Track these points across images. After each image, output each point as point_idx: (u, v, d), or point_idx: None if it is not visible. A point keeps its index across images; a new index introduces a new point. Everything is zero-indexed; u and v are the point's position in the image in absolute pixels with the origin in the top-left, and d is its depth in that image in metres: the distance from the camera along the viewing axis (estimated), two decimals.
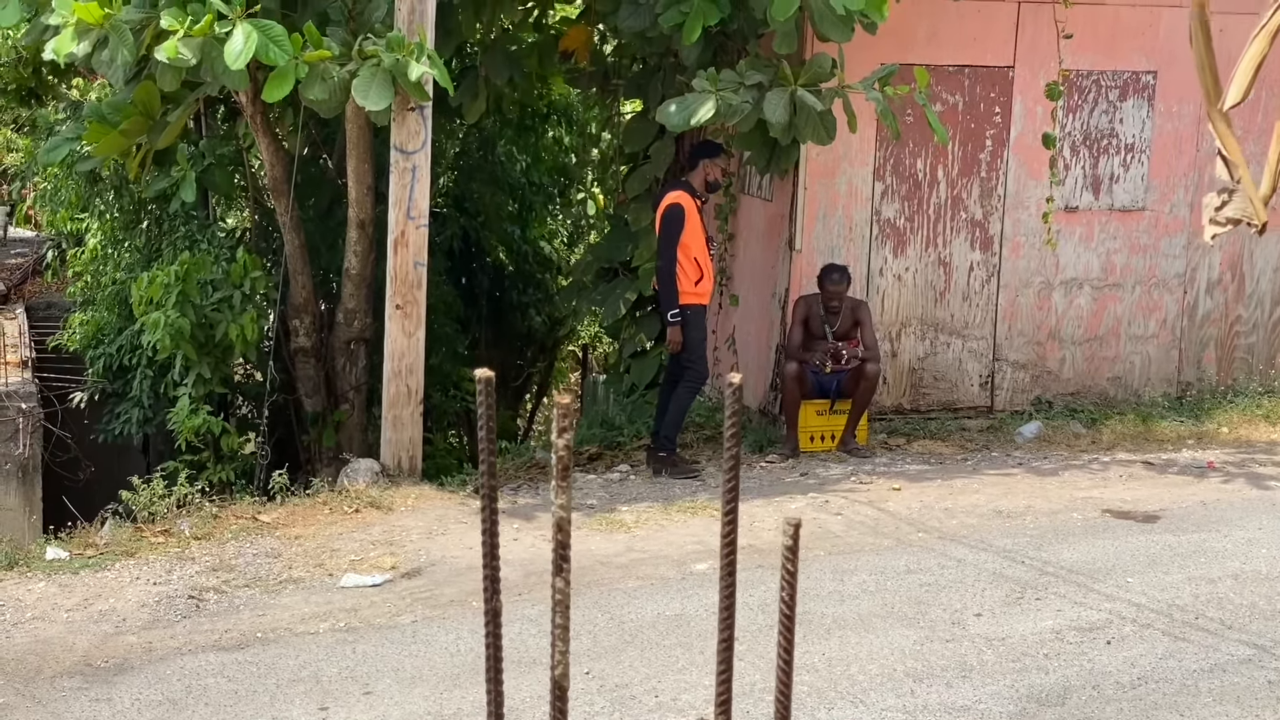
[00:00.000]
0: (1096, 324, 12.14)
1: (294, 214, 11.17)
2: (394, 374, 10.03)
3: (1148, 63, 11.82)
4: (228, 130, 12.27)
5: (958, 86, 11.49)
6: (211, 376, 10.85)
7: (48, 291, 15.96)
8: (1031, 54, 11.52)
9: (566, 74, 13.62)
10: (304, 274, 11.28)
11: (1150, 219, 12.10)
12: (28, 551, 8.78)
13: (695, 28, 9.97)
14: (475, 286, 15.34)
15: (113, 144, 10.70)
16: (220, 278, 10.89)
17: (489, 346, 15.71)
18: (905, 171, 11.53)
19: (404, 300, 9.92)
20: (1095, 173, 11.92)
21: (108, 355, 11.89)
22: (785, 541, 1.85)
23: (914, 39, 11.14)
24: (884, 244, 11.59)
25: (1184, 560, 8.42)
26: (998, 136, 11.66)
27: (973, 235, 11.74)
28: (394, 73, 9.07)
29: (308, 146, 12.00)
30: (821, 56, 10.27)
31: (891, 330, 11.69)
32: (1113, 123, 11.89)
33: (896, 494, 9.84)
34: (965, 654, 7.08)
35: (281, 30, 8.97)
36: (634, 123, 13.17)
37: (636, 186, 12.84)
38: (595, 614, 7.52)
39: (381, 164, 10.52)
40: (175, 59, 8.94)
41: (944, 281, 11.76)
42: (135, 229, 12.18)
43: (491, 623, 2.00)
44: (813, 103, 10.06)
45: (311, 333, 11.32)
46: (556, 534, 1.85)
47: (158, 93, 10.42)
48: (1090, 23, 11.48)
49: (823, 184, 11.37)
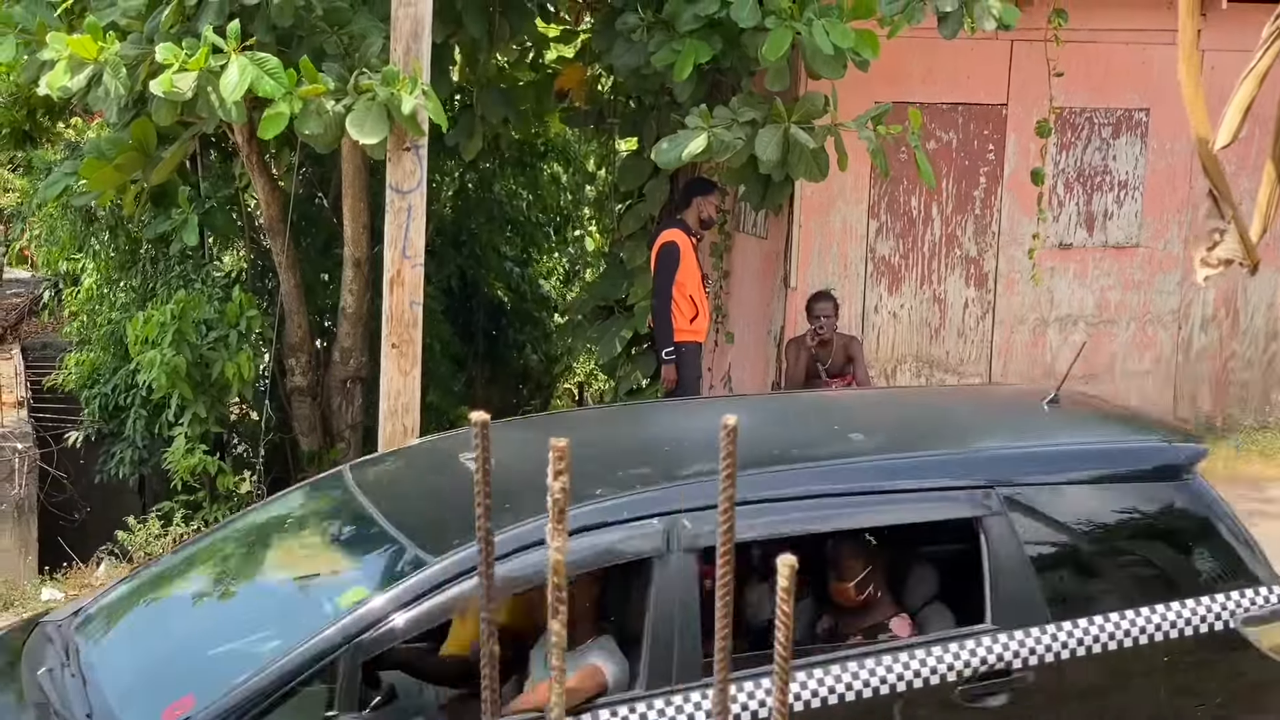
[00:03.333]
0: (1091, 361, 12.15)
1: (290, 253, 11.19)
2: (390, 413, 10.02)
3: (1140, 100, 11.88)
4: (223, 170, 12.30)
5: (951, 124, 11.54)
6: (207, 415, 10.84)
7: (44, 331, 15.96)
8: (1025, 91, 11.57)
9: (563, 113, 13.67)
10: (300, 313, 11.29)
11: (1144, 255, 12.13)
12: (23, 592, 8.77)
13: (687, 65, 10.01)
14: (471, 324, 15.36)
15: (108, 179, 10.72)
16: (216, 317, 10.90)
17: (485, 384, 15.71)
18: (900, 209, 11.56)
19: (400, 339, 9.91)
20: (1089, 209, 11.96)
21: (103, 395, 11.89)
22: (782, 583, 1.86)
23: (907, 76, 11.19)
24: (879, 281, 11.61)
25: None
26: (991, 173, 11.70)
27: (967, 272, 11.77)
28: (388, 106, 9.11)
29: (304, 186, 12.03)
30: (814, 94, 10.31)
31: (887, 367, 11.70)
32: (1106, 159, 11.94)
33: None
34: None
35: (277, 63, 9.01)
36: (629, 161, 13.22)
37: (632, 224, 12.87)
38: None
39: (377, 203, 10.54)
40: (170, 92, 8.97)
41: (939, 318, 11.78)
42: (131, 269, 12.19)
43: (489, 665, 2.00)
44: (805, 140, 10.10)
45: (307, 371, 11.33)
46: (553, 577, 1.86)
47: (154, 129, 10.45)
48: (1083, 60, 11.53)
49: (817, 221, 11.40)
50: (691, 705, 4.97)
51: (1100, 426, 6.42)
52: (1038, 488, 5.52)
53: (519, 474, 5.44)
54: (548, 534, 1.87)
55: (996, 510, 5.36)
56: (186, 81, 8.97)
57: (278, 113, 9.00)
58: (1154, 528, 5.71)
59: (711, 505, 4.98)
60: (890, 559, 5.85)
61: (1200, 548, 5.64)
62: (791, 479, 5.47)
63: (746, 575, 5.93)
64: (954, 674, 5.25)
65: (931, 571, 5.87)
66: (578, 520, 4.97)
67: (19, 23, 9.90)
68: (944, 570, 5.83)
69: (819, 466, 5.62)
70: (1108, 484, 5.69)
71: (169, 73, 8.96)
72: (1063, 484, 5.59)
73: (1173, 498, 5.66)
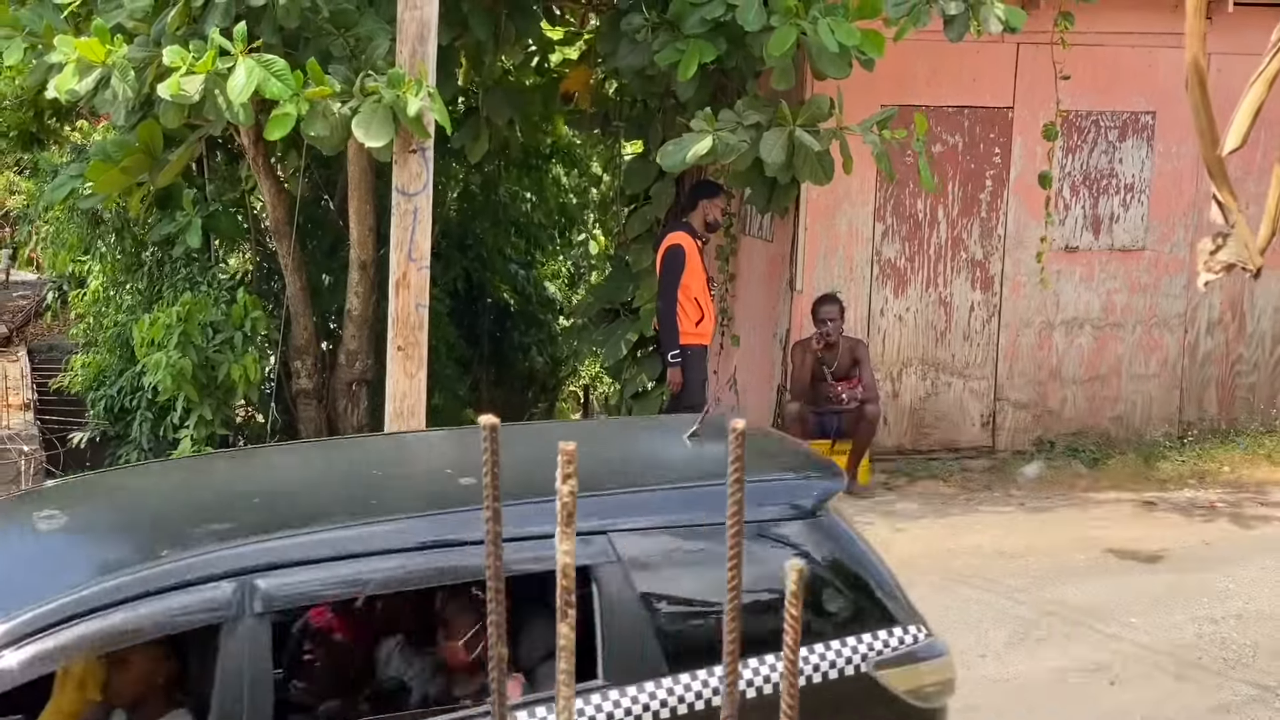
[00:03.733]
0: (1098, 363, 12.14)
1: (296, 255, 11.20)
2: (396, 415, 10.02)
3: (1147, 103, 11.86)
4: (229, 173, 12.32)
5: (957, 127, 11.54)
6: (213, 418, 10.85)
7: (50, 334, 15.99)
8: (1031, 94, 11.56)
9: (568, 116, 13.67)
10: (305, 315, 11.30)
11: (1150, 258, 12.12)
12: None
13: (691, 64, 10.02)
14: (477, 327, 15.37)
15: (114, 181, 10.74)
16: (221, 319, 10.91)
17: (491, 387, 15.72)
18: (906, 212, 11.56)
19: (405, 342, 9.92)
20: (1095, 212, 11.95)
21: (109, 397, 11.90)
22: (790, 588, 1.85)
23: (913, 80, 11.19)
24: (885, 284, 11.61)
25: (1187, 600, 8.40)
26: (998, 177, 11.69)
27: (973, 275, 11.76)
28: (394, 109, 9.12)
29: (310, 188, 12.03)
30: (820, 97, 10.31)
31: (893, 370, 11.69)
32: (1112, 163, 11.93)
33: (899, 534, 9.83)
34: (970, 694, 7.05)
35: (284, 65, 9.02)
36: (634, 164, 13.22)
37: (637, 227, 12.88)
38: None
39: (383, 206, 10.55)
40: (178, 95, 8.99)
41: (945, 321, 11.77)
42: (137, 271, 12.20)
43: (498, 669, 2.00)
44: (810, 143, 10.10)
45: (313, 374, 11.33)
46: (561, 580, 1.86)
47: (160, 131, 10.47)
48: (1089, 63, 11.52)
49: (823, 224, 11.40)
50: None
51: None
52: (657, 531, 5.12)
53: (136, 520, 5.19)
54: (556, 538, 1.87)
55: (610, 558, 4.96)
56: (194, 84, 8.99)
57: (284, 114, 9.02)
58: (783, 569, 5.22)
59: (289, 563, 4.68)
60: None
61: (832, 589, 5.26)
62: (386, 530, 4.97)
63: (354, 634, 5.56)
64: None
65: (547, 626, 5.36)
66: (136, 586, 4.56)
67: (26, 25, 9.92)
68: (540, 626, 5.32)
69: (418, 517, 5.09)
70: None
71: (176, 75, 8.98)
72: (683, 526, 5.15)
73: (802, 537, 5.25)
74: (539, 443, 6.15)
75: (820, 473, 5.53)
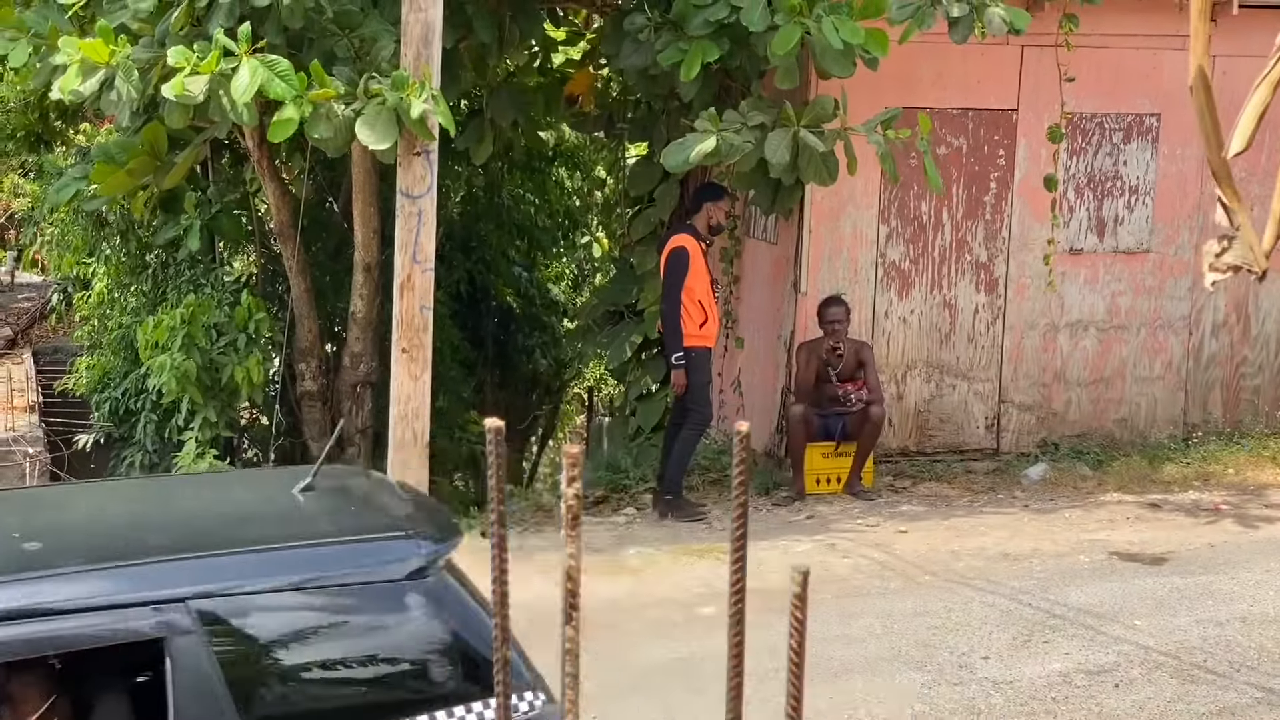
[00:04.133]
0: (1102, 366, 12.14)
1: (300, 258, 11.21)
2: (400, 418, 10.03)
3: (1151, 105, 11.86)
4: (234, 175, 12.33)
5: (961, 129, 11.53)
6: (218, 420, 10.87)
7: (54, 336, 16.00)
8: (1035, 96, 11.56)
9: (572, 118, 13.67)
10: (310, 318, 11.31)
11: (1155, 261, 12.11)
12: None
13: (694, 64, 10.02)
14: (481, 329, 15.37)
15: (119, 183, 10.74)
16: (225, 321, 10.92)
17: (495, 389, 15.74)
18: (910, 214, 11.55)
19: (410, 344, 9.92)
20: (1099, 215, 11.94)
21: (114, 399, 11.92)
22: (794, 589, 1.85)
23: (918, 82, 11.19)
24: (889, 286, 11.60)
25: (1191, 602, 8.39)
26: (1002, 179, 11.69)
27: (978, 277, 11.76)
28: (398, 111, 9.12)
29: (314, 190, 12.05)
30: (825, 98, 10.31)
31: (897, 372, 11.69)
32: (1117, 165, 11.92)
33: (903, 536, 9.83)
34: (974, 697, 7.06)
35: (287, 65, 9.03)
36: (638, 166, 13.22)
37: (641, 230, 12.88)
38: (602, 658, 7.50)
39: (388, 208, 10.56)
40: (182, 95, 8.99)
41: (949, 324, 11.76)
42: (141, 273, 12.23)
43: (501, 671, 2.00)
44: (814, 143, 10.10)
45: (318, 376, 11.34)
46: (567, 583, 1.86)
47: (165, 133, 10.47)
48: (1093, 66, 11.52)
49: (827, 227, 11.40)
50: None
51: (346, 518, 5.49)
52: (243, 598, 4.71)
53: None
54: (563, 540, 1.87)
55: (186, 628, 4.55)
56: (199, 85, 9.00)
57: (287, 118, 9.02)
58: (387, 636, 4.91)
59: None
60: (78, 689, 4.95)
61: (443, 655, 4.92)
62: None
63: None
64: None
65: (123, 703, 5.06)
66: None
67: (31, 27, 9.93)
68: (140, 700, 5.04)
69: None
70: (329, 589, 4.86)
71: (180, 76, 8.98)
72: (273, 592, 4.77)
73: (407, 600, 4.87)
74: (112, 503, 5.83)
75: (434, 529, 5.06)
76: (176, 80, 9.00)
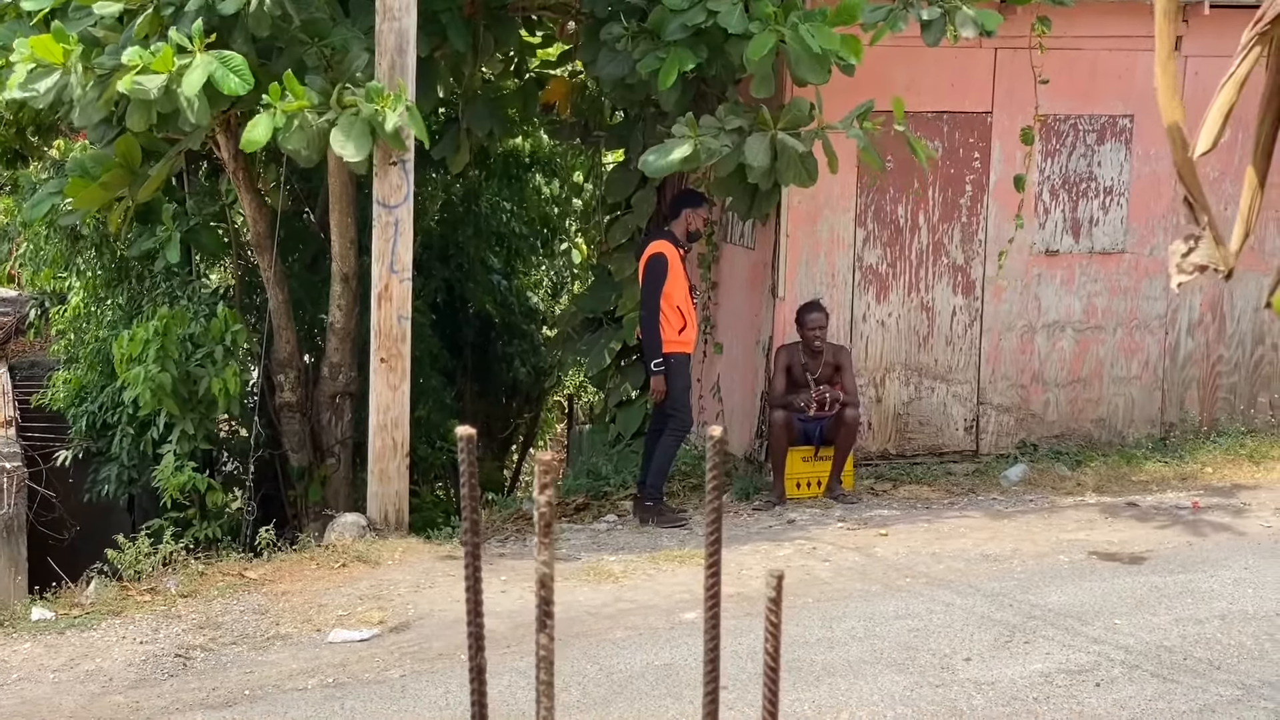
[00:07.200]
0: (1079, 366, 12.18)
1: (277, 269, 11.18)
2: (380, 427, 10.02)
3: (1124, 107, 11.91)
4: (210, 187, 12.29)
5: (936, 132, 11.57)
6: (195, 433, 10.82)
7: (31, 350, 15.92)
8: (1009, 99, 11.60)
9: (548, 125, 13.67)
10: (288, 329, 11.28)
11: (1130, 261, 12.16)
12: (13, 612, 8.74)
13: (671, 73, 10.03)
14: (460, 338, 15.36)
15: (93, 197, 10.69)
16: (201, 333, 10.88)
17: (475, 398, 15.72)
18: (886, 217, 11.58)
19: (388, 354, 9.92)
20: (1075, 216, 11.99)
21: (90, 414, 11.87)
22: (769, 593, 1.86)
23: (892, 86, 11.20)
24: (866, 290, 11.63)
25: (1171, 601, 8.42)
26: (977, 181, 11.73)
27: (955, 280, 11.79)
28: (371, 123, 9.10)
29: (291, 201, 12.03)
30: (800, 100, 10.34)
31: (875, 375, 11.71)
32: (1091, 166, 11.97)
33: (884, 539, 9.84)
34: (955, 699, 7.07)
35: (241, 60, 8.97)
36: (616, 173, 13.23)
37: (619, 236, 12.89)
38: (584, 665, 7.49)
39: (364, 218, 10.55)
40: (134, 90, 8.94)
41: (927, 326, 11.80)
42: (118, 286, 12.18)
43: (476, 679, 2.00)
44: (794, 145, 10.12)
45: (296, 387, 11.31)
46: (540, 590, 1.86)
47: (138, 146, 10.43)
48: (1067, 67, 11.57)
49: (804, 231, 11.42)
50: None
51: None
52: None
53: None
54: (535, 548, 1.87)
55: None
56: (154, 82, 8.94)
57: (260, 128, 8.99)
58: None
59: None
60: None
61: None
62: None
63: None
64: None
65: None
66: None
67: (1, 42, 9.88)
68: None
69: None
70: None
71: (132, 73, 8.93)
72: None
73: None
74: None
75: None
76: (128, 76, 8.94)
